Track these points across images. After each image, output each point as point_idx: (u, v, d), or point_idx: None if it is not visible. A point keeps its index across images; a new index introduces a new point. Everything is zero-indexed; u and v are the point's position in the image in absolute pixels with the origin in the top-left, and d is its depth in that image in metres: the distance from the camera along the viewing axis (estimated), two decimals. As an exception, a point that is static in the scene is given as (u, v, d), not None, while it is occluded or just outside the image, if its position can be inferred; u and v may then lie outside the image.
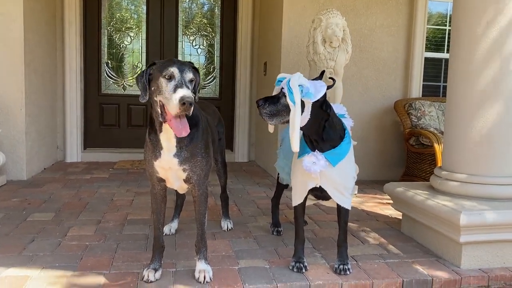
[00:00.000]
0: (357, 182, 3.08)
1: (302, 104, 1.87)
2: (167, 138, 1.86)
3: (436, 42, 4.94)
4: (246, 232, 2.70)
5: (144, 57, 5.52)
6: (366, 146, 4.53)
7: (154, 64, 1.82)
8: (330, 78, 2.16)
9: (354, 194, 3.64)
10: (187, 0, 5.56)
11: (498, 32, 2.31)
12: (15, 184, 3.86)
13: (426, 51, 4.70)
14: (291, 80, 1.87)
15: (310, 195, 2.23)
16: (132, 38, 5.49)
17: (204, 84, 5.69)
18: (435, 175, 2.64)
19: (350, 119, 2.29)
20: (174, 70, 1.74)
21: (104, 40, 5.42)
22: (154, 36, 5.50)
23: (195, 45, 5.63)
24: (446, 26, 4.94)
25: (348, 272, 2.09)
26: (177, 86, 1.71)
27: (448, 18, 4.94)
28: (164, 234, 2.22)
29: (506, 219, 2.19)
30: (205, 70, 5.68)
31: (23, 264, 2.09)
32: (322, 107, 1.96)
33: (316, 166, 1.97)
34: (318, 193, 2.13)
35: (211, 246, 2.38)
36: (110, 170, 4.70)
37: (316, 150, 2.00)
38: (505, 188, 2.36)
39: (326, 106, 1.98)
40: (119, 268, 2.08)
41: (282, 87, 1.92)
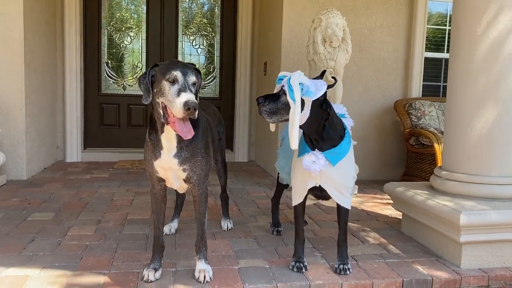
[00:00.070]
0: (357, 182, 3.08)
1: (302, 102, 1.87)
2: (168, 138, 1.86)
3: (436, 42, 4.94)
4: (246, 232, 2.70)
5: (144, 57, 5.52)
6: (366, 146, 4.54)
7: (156, 65, 1.81)
8: (333, 77, 2.16)
9: (354, 194, 3.64)
10: (187, 0, 5.56)
11: (498, 32, 2.31)
12: (15, 184, 3.86)
13: (426, 51, 4.70)
14: (292, 78, 1.87)
15: (310, 195, 2.23)
16: (132, 38, 5.49)
17: (204, 84, 5.68)
18: (435, 175, 2.64)
19: (350, 119, 2.29)
20: (178, 74, 1.73)
21: (104, 40, 5.42)
22: (154, 36, 5.50)
23: (195, 45, 5.63)
24: (446, 26, 4.94)
25: (348, 272, 2.09)
26: (180, 90, 1.71)
27: (448, 18, 4.94)
28: (164, 234, 2.22)
29: (506, 219, 2.19)
30: (205, 70, 5.68)
31: (23, 263, 2.09)
32: (322, 106, 1.96)
33: (316, 165, 1.97)
34: (318, 192, 2.13)
35: (211, 246, 2.38)
36: (110, 170, 4.70)
37: (316, 149, 2.00)
38: (505, 188, 2.36)
39: (326, 105, 1.98)
40: (119, 268, 2.08)
41: (282, 85, 1.92)
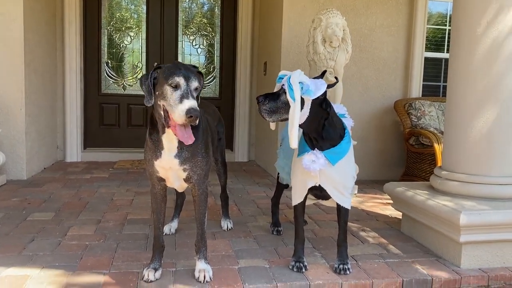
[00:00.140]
0: (357, 182, 3.09)
1: (302, 101, 1.87)
2: (169, 139, 1.86)
3: (436, 42, 4.94)
4: (246, 231, 2.70)
5: (144, 56, 5.52)
6: (366, 146, 4.54)
7: (159, 68, 1.79)
8: (335, 77, 2.16)
9: (354, 194, 3.64)
10: (187, 0, 5.56)
11: (498, 32, 2.31)
12: (15, 183, 3.86)
13: (426, 51, 4.70)
14: (292, 77, 1.87)
15: (310, 195, 2.23)
16: (132, 38, 5.49)
17: (204, 84, 5.65)
18: (435, 175, 2.64)
19: (351, 119, 2.29)
20: (180, 80, 1.72)
21: (104, 39, 5.42)
22: (154, 35, 5.50)
23: (195, 44, 5.63)
24: (446, 26, 4.94)
25: (348, 271, 2.09)
26: (183, 97, 1.69)
27: (448, 18, 4.94)
28: (164, 234, 2.22)
29: (506, 219, 2.19)
30: (205, 69, 5.68)
31: (23, 263, 2.09)
32: (321, 105, 1.96)
33: (315, 164, 1.97)
34: (318, 192, 2.13)
35: (211, 246, 2.38)
36: (110, 169, 4.70)
37: (315, 149, 2.01)
38: (505, 187, 2.36)
39: (326, 105, 1.98)
40: (119, 267, 2.08)
41: (282, 84, 1.92)
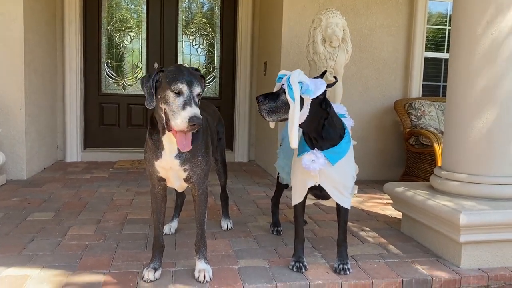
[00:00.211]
0: (357, 182, 3.09)
1: (302, 101, 1.87)
2: (170, 140, 1.85)
3: (436, 42, 4.94)
4: (246, 231, 2.70)
5: (144, 56, 5.52)
6: (366, 146, 4.53)
7: (162, 71, 1.79)
8: (334, 77, 2.16)
9: (354, 194, 3.65)
10: (187, 0, 5.56)
11: (498, 32, 2.31)
12: (15, 183, 3.86)
13: (426, 51, 4.70)
14: (291, 76, 1.87)
15: (310, 195, 2.23)
16: (132, 38, 5.49)
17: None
18: (435, 175, 2.64)
19: (351, 119, 2.29)
20: (183, 86, 1.71)
21: (104, 39, 5.42)
22: (154, 35, 5.50)
23: (195, 44, 5.63)
24: (446, 26, 4.94)
25: (347, 271, 2.09)
26: (185, 104, 1.69)
27: (448, 18, 4.94)
28: (164, 234, 2.22)
29: (506, 219, 2.19)
30: (205, 69, 5.68)
31: (23, 263, 2.09)
32: (321, 105, 1.96)
33: (315, 164, 1.97)
34: (318, 192, 2.13)
35: (211, 246, 2.38)
36: (110, 169, 4.70)
37: (315, 149, 2.01)
38: (505, 187, 2.36)
39: (325, 104, 1.98)
40: (119, 267, 2.08)
41: (282, 84, 1.92)
